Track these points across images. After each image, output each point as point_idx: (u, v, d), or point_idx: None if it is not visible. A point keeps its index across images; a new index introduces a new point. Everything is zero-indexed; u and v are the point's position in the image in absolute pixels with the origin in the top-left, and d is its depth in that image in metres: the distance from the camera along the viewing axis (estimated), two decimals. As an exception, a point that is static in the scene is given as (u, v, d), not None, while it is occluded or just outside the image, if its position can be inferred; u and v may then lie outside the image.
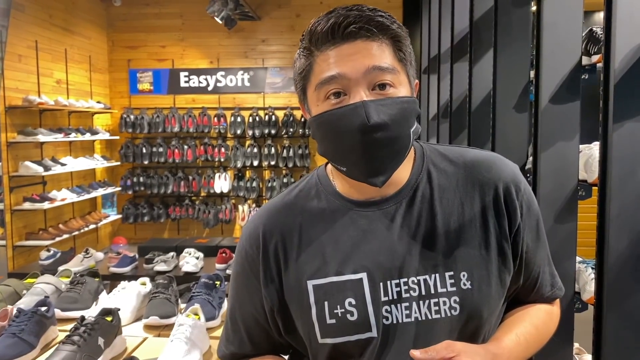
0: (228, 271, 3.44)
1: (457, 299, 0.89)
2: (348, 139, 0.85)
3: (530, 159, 1.75)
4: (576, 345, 1.93)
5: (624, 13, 1.19)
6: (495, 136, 2.00)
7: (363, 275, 0.90)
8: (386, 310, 0.89)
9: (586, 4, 1.56)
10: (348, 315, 0.90)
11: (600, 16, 1.25)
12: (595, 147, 1.60)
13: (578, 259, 1.72)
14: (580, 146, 1.65)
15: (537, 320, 0.99)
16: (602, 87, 1.24)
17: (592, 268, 1.68)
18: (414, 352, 0.81)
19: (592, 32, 1.70)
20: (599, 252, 1.27)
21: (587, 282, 1.66)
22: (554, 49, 1.58)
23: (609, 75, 1.21)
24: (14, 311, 1.69)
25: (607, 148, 1.22)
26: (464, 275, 0.90)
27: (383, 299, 0.90)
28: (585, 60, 1.66)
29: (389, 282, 0.90)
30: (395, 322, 0.89)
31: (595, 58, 1.65)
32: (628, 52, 1.20)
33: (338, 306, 0.90)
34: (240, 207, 6.95)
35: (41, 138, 5.30)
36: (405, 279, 0.90)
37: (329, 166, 1.01)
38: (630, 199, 1.20)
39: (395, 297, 0.90)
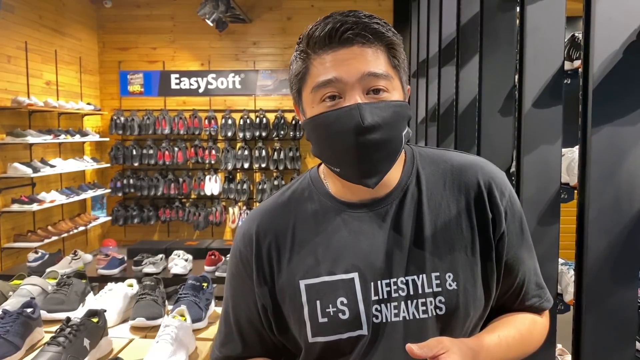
0: (217, 273, 3.44)
1: (443, 299, 0.91)
2: (343, 140, 0.87)
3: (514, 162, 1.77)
4: (559, 346, 1.95)
5: (603, 17, 1.21)
6: (480, 140, 2.01)
7: (354, 275, 0.92)
8: (376, 309, 0.91)
9: (570, 9, 1.59)
10: (340, 314, 0.91)
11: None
12: (577, 151, 1.63)
13: (561, 260, 1.75)
14: (563, 150, 1.68)
15: (521, 326, 0.99)
16: (581, 91, 1.27)
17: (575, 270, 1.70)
18: (411, 346, 0.80)
19: (574, 37, 1.73)
20: (578, 253, 1.29)
21: (569, 284, 1.69)
22: (536, 54, 1.60)
23: (588, 79, 1.23)
24: (-1, 312, 1.69)
25: (586, 151, 1.24)
26: (449, 276, 0.92)
27: (374, 298, 0.91)
28: (567, 65, 1.68)
29: (379, 282, 0.92)
30: (384, 320, 0.91)
31: (577, 63, 1.68)
32: (607, 56, 1.22)
33: (330, 305, 0.92)
34: (230, 209, 6.94)
35: (30, 139, 5.27)
36: (395, 279, 0.92)
37: (322, 167, 1.02)
38: (608, 201, 1.22)
39: (385, 296, 0.92)
